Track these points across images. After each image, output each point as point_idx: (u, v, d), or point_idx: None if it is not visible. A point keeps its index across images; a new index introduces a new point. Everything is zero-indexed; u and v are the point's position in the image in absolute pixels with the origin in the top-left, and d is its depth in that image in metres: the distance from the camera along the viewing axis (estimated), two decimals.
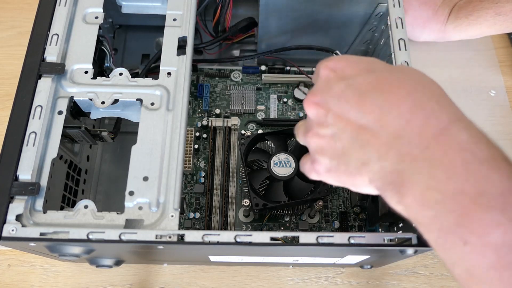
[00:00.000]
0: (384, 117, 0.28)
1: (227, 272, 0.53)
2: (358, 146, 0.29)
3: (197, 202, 0.53)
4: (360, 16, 0.51)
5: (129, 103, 0.41)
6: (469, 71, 0.65)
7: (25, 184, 0.36)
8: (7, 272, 0.52)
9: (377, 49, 0.52)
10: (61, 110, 0.40)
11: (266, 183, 0.48)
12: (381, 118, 0.28)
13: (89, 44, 0.43)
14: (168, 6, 0.45)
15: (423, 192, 0.26)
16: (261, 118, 0.57)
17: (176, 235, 0.35)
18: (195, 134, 0.55)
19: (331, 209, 0.53)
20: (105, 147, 0.57)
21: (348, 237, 0.36)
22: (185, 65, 0.42)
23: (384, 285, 0.52)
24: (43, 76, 0.41)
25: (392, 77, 0.30)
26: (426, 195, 0.25)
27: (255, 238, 0.35)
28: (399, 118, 0.27)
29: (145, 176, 0.37)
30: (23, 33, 0.67)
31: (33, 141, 0.37)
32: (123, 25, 0.60)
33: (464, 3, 0.59)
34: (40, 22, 0.43)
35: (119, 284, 0.52)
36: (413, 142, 0.27)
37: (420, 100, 0.28)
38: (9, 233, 0.34)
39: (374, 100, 0.28)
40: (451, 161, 0.25)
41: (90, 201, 0.37)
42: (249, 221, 0.52)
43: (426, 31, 0.62)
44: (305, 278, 0.53)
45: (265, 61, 0.61)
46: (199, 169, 0.54)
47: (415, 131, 0.27)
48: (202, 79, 0.60)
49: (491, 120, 0.62)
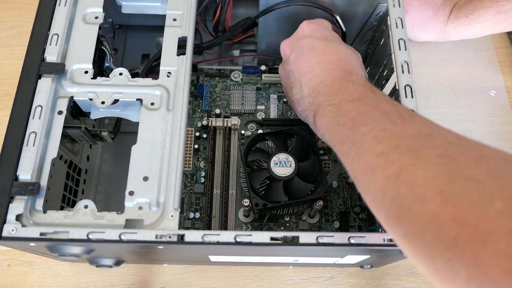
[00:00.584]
0: (317, 69, 0.41)
1: (227, 272, 0.53)
2: (299, 85, 0.43)
3: (197, 202, 0.53)
4: (360, 16, 0.51)
5: (129, 103, 0.41)
6: (469, 71, 0.65)
7: (25, 184, 0.36)
8: (7, 272, 0.52)
9: (377, 49, 0.52)
10: (61, 110, 0.40)
11: (266, 183, 0.48)
12: (315, 69, 0.41)
13: (89, 44, 0.43)
14: (168, 6, 0.45)
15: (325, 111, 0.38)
16: (261, 118, 0.57)
17: (176, 235, 0.35)
18: (195, 134, 0.55)
19: (331, 209, 0.53)
20: (105, 147, 0.57)
21: (348, 237, 0.36)
22: (185, 65, 0.42)
23: (384, 285, 0.52)
24: (43, 76, 0.41)
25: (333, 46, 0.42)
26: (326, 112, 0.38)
27: (255, 238, 0.35)
28: (326, 71, 0.40)
29: (145, 176, 0.37)
30: (23, 33, 0.67)
31: (33, 141, 0.37)
32: (123, 25, 0.60)
33: (464, 2, 0.59)
34: (40, 22, 0.43)
35: (119, 284, 0.52)
36: (327, 84, 0.40)
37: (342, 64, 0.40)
38: (9, 233, 0.34)
39: (315, 57, 0.42)
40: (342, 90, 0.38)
41: (90, 201, 0.37)
42: (249, 221, 0.52)
43: (426, 31, 0.62)
44: (305, 278, 0.53)
45: (265, 61, 0.61)
46: (199, 169, 0.54)
47: (330, 79, 0.40)
48: (202, 79, 0.60)
49: (491, 120, 0.62)
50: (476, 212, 0.24)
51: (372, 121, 0.33)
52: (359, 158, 0.32)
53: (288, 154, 0.47)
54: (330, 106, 0.38)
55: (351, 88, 0.38)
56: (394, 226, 0.29)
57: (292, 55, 0.45)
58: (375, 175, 0.30)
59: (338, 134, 0.36)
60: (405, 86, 0.41)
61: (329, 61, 0.41)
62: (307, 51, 0.43)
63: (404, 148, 0.29)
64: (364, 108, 0.35)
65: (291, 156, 0.47)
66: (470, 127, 0.61)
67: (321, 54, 0.42)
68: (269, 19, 0.52)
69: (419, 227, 0.26)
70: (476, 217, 0.23)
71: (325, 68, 0.41)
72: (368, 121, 0.33)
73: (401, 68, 0.42)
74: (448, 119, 0.62)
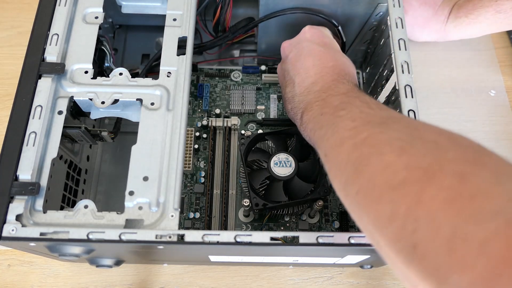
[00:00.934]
0: (312, 71, 0.42)
1: (227, 272, 0.53)
2: (292, 84, 0.45)
3: (197, 202, 0.53)
4: (360, 16, 0.51)
5: (129, 103, 0.41)
6: (469, 71, 0.65)
7: (25, 184, 0.36)
8: (7, 272, 0.52)
9: (377, 49, 0.52)
10: (61, 110, 0.40)
11: (266, 183, 0.48)
12: (309, 70, 0.43)
13: (89, 44, 0.43)
14: (168, 6, 0.45)
15: (312, 105, 0.40)
16: (261, 118, 0.57)
17: (176, 235, 0.35)
18: (195, 134, 0.55)
19: (331, 209, 0.53)
20: (105, 147, 0.57)
21: (348, 237, 0.36)
22: (185, 65, 0.42)
23: (384, 285, 0.52)
24: (43, 76, 0.41)
25: (331, 53, 0.44)
26: (313, 107, 0.39)
27: (255, 238, 0.35)
28: (319, 74, 0.42)
29: (145, 176, 0.37)
30: (23, 33, 0.67)
31: (33, 141, 0.37)
32: (123, 25, 0.60)
33: (463, 2, 0.59)
34: (40, 22, 0.43)
35: (119, 284, 0.52)
36: (319, 85, 0.41)
37: (336, 70, 0.42)
38: (9, 233, 0.34)
39: (312, 60, 0.43)
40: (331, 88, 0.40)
41: (90, 201, 0.37)
42: (249, 221, 0.52)
43: (426, 31, 0.62)
44: (305, 278, 0.53)
45: (265, 61, 0.61)
46: (199, 169, 0.54)
47: (322, 80, 0.41)
48: (202, 79, 0.60)
49: (491, 120, 0.62)
50: (428, 160, 0.25)
51: (352, 106, 0.35)
52: (332, 135, 0.34)
53: (288, 154, 0.47)
54: (317, 101, 0.40)
55: (340, 86, 0.40)
56: (351, 184, 0.30)
57: (290, 55, 0.46)
58: (344, 145, 0.32)
59: (320, 121, 0.38)
60: (405, 86, 0.41)
61: (324, 65, 0.42)
62: (305, 53, 0.44)
63: (375, 123, 0.32)
64: (347, 99, 0.37)
65: (291, 156, 0.47)
66: (470, 127, 0.61)
67: (318, 59, 0.43)
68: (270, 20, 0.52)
69: (372, 176, 0.28)
70: (428, 163, 0.25)
71: (319, 71, 0.42)
72: (348, 107, 0.35)
73: (401, 68, 0.42)
74: (448, 119, 0.62)
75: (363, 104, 0.35)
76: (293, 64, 0.45)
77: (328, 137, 0.35)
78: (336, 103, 0.37)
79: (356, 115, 0.33)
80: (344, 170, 0.31)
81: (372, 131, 0.30)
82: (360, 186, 0.29)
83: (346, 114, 0.34)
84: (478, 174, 0.23)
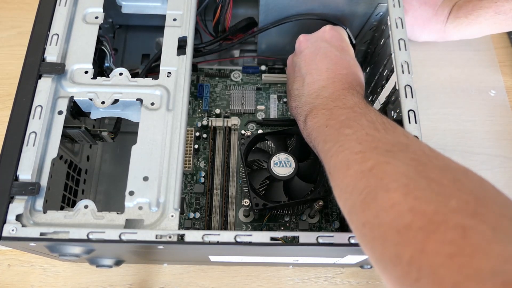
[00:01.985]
0: (324, 74, 0.43)
1: (227, 272, 0.53)
2: (302, 82, 0.45)
3: (197, 202, 0.53)
4: (360, 16, 0.51)
5: (129, 103, 0.41)
6: (469, 71, 0.65)
7: (25, 184, 0.36)
8: (7, 272, 0.52)
9: (377, 49, 0.52)
10: (61, 110, 0.40)
11: (266, 183, 0.48)
12: (322, 73, 0.43)
13: (89, 44, 0.43)
14: (168, 6, 0.45)
15: (318, 112, 0.40)
16: (261, 118, 0.57)
17: (176, 235, 0.35)
18: (195, 134, 0.55)
19: (331, 209, 0.53)
20: (105, 147, 0.57)
21: (348, 237, 0.36)
22: (185, 65, 0.42)
23: (384, 285, 0.52)
24: (43, 76, 0.41)
25: (346, 60, 0.44)
26: (319, 114, 0.40)
27: (255, 238, 0.35)
28: (331, 79, 0.42)
29: (145, 176, 0.37)
30: (23, 33, 0.67)
31: (33, 141, 0.37)
32: (123, 25, 0.60)
33: (463, 3, 0.59)
34: (40, 22, 0.43)
35: (119, 284, 0.52)
36: (329, 91, 0.41)
37: (349, 78, 0.42)
38: (9, 233, 0.34)
39: (326, 64, 0.43)
40: (339, 98, 0.40)
41: (90, 201, 0.37)
42: (249, 221, 0.52)
43: (426, 31, 0.62)
44: (305, 278, 0.53)
45: (265, 61, 0.61)
46: (199, 169, 0.54)
47: (333, 87, 0.42)
48: (202, 79, 0.60)
49: (491, 120, 0.62)
50: (433, 206, 0.26)
51: (358, 125, 0.35)
52: (338, 155, 0.35)
53: (288, 154, 0.47)
54: (324, 109, 0.40)
55: (348, 98, 0.40)
56: (357, 214, 0.31)
57: (306, 51, 0.46)
58: (350, 169, 0.32)
59: (324, 134, 0.38)
60: (405, 86, 0.41)
61: (338, 71, 0.43)
62: (321, 54, 0.44)
63: (381, 150, 0.32)
64: (353, 115, 0.37)
65: (291, 156, 0.47)
66: (470, 127, 0.61)
67: (333, 63, 0.43)
68: (269, 19, 0.52)
69: (378, 213, 0.28)
70: (432, 210, 0.26)
71: (332, 77, 0.42)
72: (354, 125, 0.35)
73: (401, 68, 0.42)
74: (448, 119, 0.62)
75: (369, 124, 0.35)
76: (306, 62, 0.45)
77: (332, 154, 0.35)
78: (342, 118, 0.37)
79: (362, 137, 0.34)
80: (350, 195, 0.32)
81: (378, 159, 0.31)
82: (366, 219, 0.29)
83: (352, 134, 0.35)
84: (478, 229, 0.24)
